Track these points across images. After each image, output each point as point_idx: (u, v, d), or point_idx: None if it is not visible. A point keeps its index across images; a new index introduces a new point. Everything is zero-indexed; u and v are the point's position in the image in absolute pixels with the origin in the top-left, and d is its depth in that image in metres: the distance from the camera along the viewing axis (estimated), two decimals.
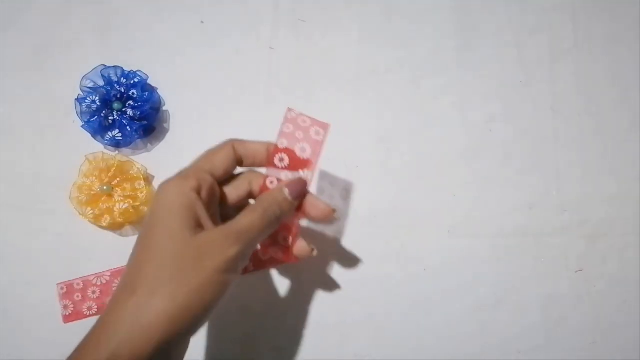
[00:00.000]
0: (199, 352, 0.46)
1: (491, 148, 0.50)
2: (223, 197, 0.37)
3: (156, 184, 0.48)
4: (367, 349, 0.47)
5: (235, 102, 0.50)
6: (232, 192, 0.38)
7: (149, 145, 0.49)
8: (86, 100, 0.47)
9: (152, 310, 0.31)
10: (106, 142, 0.48)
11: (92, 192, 0.46)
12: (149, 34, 0.51)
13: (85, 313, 0.46)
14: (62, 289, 0.46)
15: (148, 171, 0.48)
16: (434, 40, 0.52)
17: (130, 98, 0.48)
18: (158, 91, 0.50)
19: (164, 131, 0.50)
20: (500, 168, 0.50)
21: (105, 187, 0.46)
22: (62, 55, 0.50)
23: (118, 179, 0.46)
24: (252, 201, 0.39)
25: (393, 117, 0.50)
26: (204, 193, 0.35)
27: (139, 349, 0.30)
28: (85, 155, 0.47)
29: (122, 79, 0.48)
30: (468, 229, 0.48)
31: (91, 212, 0.46)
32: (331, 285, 0.48)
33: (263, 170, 0.38)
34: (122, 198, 0.46)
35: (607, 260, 0.48)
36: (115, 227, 0.47)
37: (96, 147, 0.48)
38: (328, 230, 0.48)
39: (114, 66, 0.48)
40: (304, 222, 0.48)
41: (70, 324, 0.46)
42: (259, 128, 0.49)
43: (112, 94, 0.47)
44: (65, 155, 0.48)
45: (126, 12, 0.51)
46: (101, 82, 0.48)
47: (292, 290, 0.47)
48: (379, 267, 0.48)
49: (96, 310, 0.46)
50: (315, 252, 0.39)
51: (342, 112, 0.50)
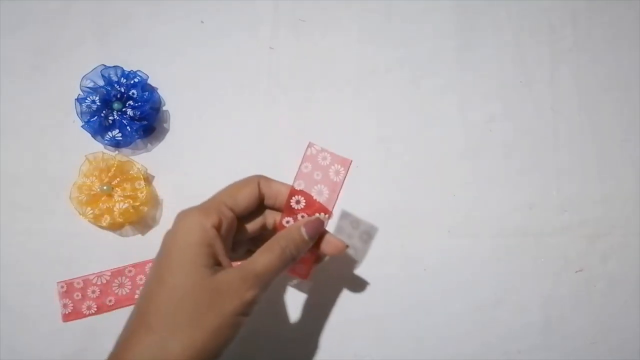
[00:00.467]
0: None
1: (491, 148, 0.50)
2: (238, 229, 0.37)
3: (156, 183, 0.48)
4: (367, 349, 0.47)
5: (235, 102, 0.50)
6: (248, 225, 0.38)
7: (149, 145, 0.49)
8: (86, 100, 0.47)
9: (170, 352, 0.31)
10: (106, 142, 0.48)
11: (92, 192, 0.46)
12: (149, 34, 0.51)
13: (84, 312, 0.46)
14: (62, 287, 0.46)
15: (148, 171, 0.48)
16: (434, 40, 0.52)
17: (130, 98, 0.48)
18: (158, 91, 0.50)
19: (164, 131, 0.50)
20: (500, 168, 0.50)
21: (105, 187, 0.46)
22: (62, 55, 0.50)
23: (118, 179, 0.46)
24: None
25: (393, 117, 0.50)
26: (223, 229, 0.34)
27: None
28: (85, 155, 0.47)
29: (122, 79, 0.48)
30: (468, 229, 0.48)
31: (91, 212, 0.46)
32: (331, 285, 0.48)
33: None
34: (122, 198, 0.46)
35: (607, 260, 0.48)
36: (115, 227, 0.47)
37: (96, 147, 0.48)
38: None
39: (114, 66, 0.48)
40: None
41: (69, 323, 0.46)
42: (258, 128, 0.50)
43: (112, 94, 0.47)
44: (65, 155, 0.48)
45: (126, 12, 0.51)
46: (101, 82, 0.48)
47: (292, 290, 0.47)
48: (379, 267, 0.48)
49: (95, 309, 0.46)
50: (326, 258, 0.40)
51: (342, 112, 0.50)
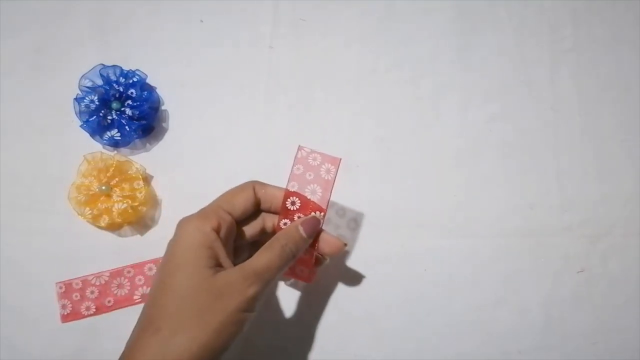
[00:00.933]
0: None
1: (491, 148, 0.50)
2: (238, 233, 0.38)
3: (155, 183, 0.48)
4: (367, 349, 0.46)
5: (235, 102, 0.50)
6: (247, 228, 0.39)
7: (147, 145, 0.49)
8: (85, 100, 0.47)
9: (175, 349, 0.32)
10: (105, 141, 0.48)
11: (90, 192, 0.46)
12: (148, 33, 0.51)
13: (83, 313, 0.45)
14: (60, 288, 0.46)
15: (147, 171, 0.48)
16: (434, 40, 0.52)
17: (129, 97, 0.48)
18: (157, 90, 0.50)
19: (163, 131, 0.49)
20: (500, 168, 0.50)
21: (103, 187, 0.46)
22: (60, 54, 0.50)
23: (117, 179, 0.46)
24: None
25: (393, 117, 0.50)
26: (223, 232, 0.36)
27: None
28: (84, 155, 0.46)
29: (121, 78, 0.48)
30: (468, 229, 0.48)
31: (90, 212, 0.46)
32: (331, 285, 0.47)
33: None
34: (120, 198, 0.46)
35: (608, 261, 0.48)
36: (113, 227, 0.47)
37: (95, 146, 0.48)
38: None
39: (113, 65, 0.48)
40: None
41: (68, 323, 0.45)
42: (258, 128, 0.50)
43: (110, 94, 0.47)
44: (63, 155, 0.48)
45: (125, 11, 0.51)
46: (100, 82, 0.47)
47: (292, 290, 0.47)
48: (380, 267, 0.47)
49: (94, 310, 0.45)
50: (327, 261, 0.42)
51: (342, 112, 0.50)
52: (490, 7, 0.52)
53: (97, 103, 0.47)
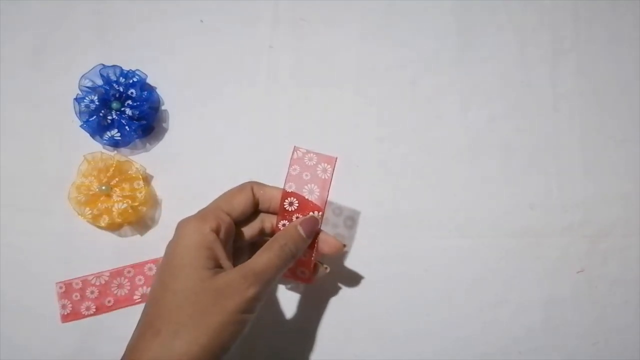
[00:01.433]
0: None
1: (492, 148, 0.50)
2: (237, 234, 0.38)
3: (155, 183, 0.48)
4: (367, 349, 0.46)
5: (235, 101, 0.50)
6: (246, 229, 0.39)
7: (147, 144, 0.49)
8: (85, 100, 0.47)
9: (175, 351, 0.32)
10: (105, 141, 0.47)
11: (90, 192, 0.46)
12: (148, 33, 0.51)
13: (83, 313, 0.45)
14: (60, 288, 0.46)
15: (147, 171, 0.48)
16: (434, 40, 0.52)
17: (129, 97, 0.48)
18: (157, 90, 0.50)
19: (163, 131, 0.49)
20: (501, 168, 0.50)
21: (103, 187, 0.46)
22: (60, 54, 0.50)
23: (117, 179, 0.46)
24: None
25: (393, 116, 0.50)
26: (222, 233, 0.36)
27: None
28: (84, 155, 0.46)
29: (121, 78, 0.47)
30: (469, 229, 0.48)
31: (90, 212, 0.46)
32: (331, 286, 0.47)
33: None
34: (120, 198, 0.46)
35: (608, 261, 0.48)
36: (113, 227, 0.47)
37: (95, 146, 0.48)
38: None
39: (113, 65, 0.48)
40: None
41: (68, 323, 0.45)
42: (258, 127, 0.50)
43: (110, 94, 0.47)
44: (63, 155, 0.48)
45: (125, 11, 0.51)
46: (100, 82, 0.47)
47: (292, 292, 0.47)
48: (380, 267, 0.47)
49: (94, 310, 0.45)
50: (328, 269, 0.42)
51: (342, 112, 0.50)
52: (491, 7, 0.52)
53: (97, 103, 0.47)
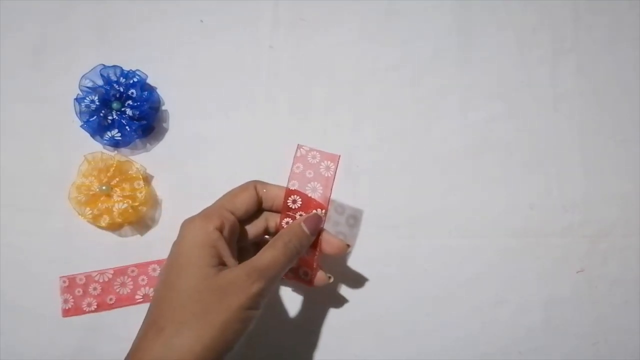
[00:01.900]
0: None
1: (492, 148, 0.50)
2: (241, 233, 0.39)
3: (155, 183, 0.48)
4: (367, 349, 0.47)
5: (235, 102, 0.50)
6: (250, 228, 0.39)
7: (148, 145, 0.49)
8: (85, 100, 0.47)
9: (179, 350, 0.32)
10: (105, 141, 0.48)
11: (90, 192, 0.46)
12: (148, 33, 0.51)
13: (84, 309, 0.45)
14: (64, 282, 0.46)
15: (147, 171, 0.48)
16: (435, 40, 0.52)
17: (129, 97, 0.48)
18: (157, 90, 0.50)
19: (163, 131, 0.49)
20: (501, 168, 0.49)
21: (104, 187, 0.46)
22: (61, 54, 0.50)
23: (117, 179, 0.46)
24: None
25: (393, 116, 0.50)
26: (226, 231, 0.36)
27: None
28: (84, 155, 0.46)
29: (121, 78, 0.47)
30: (469, 229, 0.48)
31: (90, 212, 0.46)
32: (332, 285, 0.47)
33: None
34: (121, 198, 0.46)
35: (608, 261, 0.48)
36: (114, 227, 0.47)
37: (95, 146, 0.48)
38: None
39: (113, 66, 0.48)
40: None
41: (69, 323, 0.45)
42: (258, 127, 0.50)
43: (111, 94, 0.47)
44: (64, 155, 0.48)
45: (125, 12, 0.51)
46: (100, 82, 0.47)
47: (293, 292, 0.47)
48: (379, 267, 0.47)
49: (95, 307, 0.45)
50: (331, 279, 0.41)
51: (342, 112, 0.50)
52: (491, 7, 0.52)
53: (97, 103, 0.47)
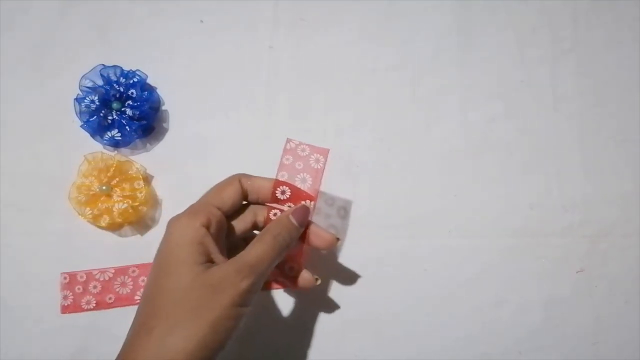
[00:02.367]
0: None
1: (492, 148, 0.50)
2: (229, 228, 0.38)
3: (155, 183, 0.48)
4: (367, 349, 0.47)
5: (235, 102, 0.50)
6: (238, 223, 0.39)
7: (148, 145, 0.49)
8: (85, 100, 0.47)
9: (171, 349, 0.31)
10: (105, 141, 0.48)
11: (90, 192, 0.46)
12: (148, 34, 0.51)
13: (83, 307, 0.45)
14: (65, 278, 0.46)
15: (147, 171, 0.48)
16: (435, 40, 0.52)
17: (129, 97, 0.48)
18: (157, 91, 0.50)
19: (163, 131, 0.49)
20: (501, 168, 0.50)
21: (104, 187, 0.46)
22: (61, 54, 0.50)
23: (117, 179, 0.46)
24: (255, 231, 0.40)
25: (393, 116, 0.50)
26: (213, 227, 0.35)
27: None
28: (84, 155, 0.46)
29: (121, 78, 0.48)
30: (469, 229, 0.48)
31: (90, 212, 0.46)
32: (330, 286, 0.47)
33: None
34: (121, 198, 0.46)
35: (608, 261, 0.48)
36: (114, 227, 0.47)
37: (95, 146, 0.48)
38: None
39: (113, 66, 0.48)
40: None
41: (67, 323, 0.45)
42: (258, 127, 0.50)
43: (111, 94, 0.47)
44: (64, 155, 0.48)
45: (125, 12, 0.51)
46: (100, 82, 0.47)
47: (292, 290, 0.47)
48: (380, 267, 0.47)
49: (94, 305, 0.45)
50: (319, 281, 0.41)
51: (342, 112, 0.50)
52: (491, 7, 0.52)
53: (97, 103, 0.47)
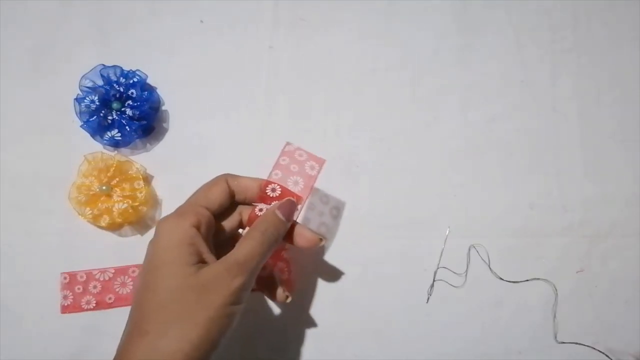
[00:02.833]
0: None
1: (492, 148, 0.50)
2: (217, 228, 0.38)
3: (155, 183, 0.48)
4: (367, 349, 0.47)
5: (235, 102, 0.50)
6: (225, 223, 0.39)
7: (148, 145, 0.49)
8: (85, 100, 0.47)
9: (165, 351, 0.31)
10: (105, 141, 0.48)
11: (91, 192, 0.46)
12: (148, 34, 0.51)
13: (83, 307, 0.45)
14: (65, 278, 0.46)
15: (147, 171, 0.48)
16: (435, 40, 0.52)
17: (129, 98, 0.48)
18: (157, 91, 0.50)
19: (163, 131, 0.49)
20: (501, 168, 0.50)
21: (104, 187, 0.46)
22: (61, 55, 0.50)
23: (117, 179, 0.46)
24: (241, 230, 0.40)
25: (393, 116, 0.50)
26: (203, 228, 0.35)
27: None
28: (84, 155, 0.46)
29: (121, 78, 0.48)
30: (469, 229, 0.48)
31: (90, 212, 0.46)
32: (331, 285, 0.47)
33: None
34: (121, 198, 0.46)
35: (608, 261, 0.48)
36: (114, 227, 0.47)
37: (95, 147, 0.48)
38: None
39: (113, 66, 0.48)
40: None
41: (67, 323, 0.45)
42: (258, 127, 0.50)
43: (111, 94, 0.47)
44: (64, 155, 0.48)
45: (125, 11, 0.51)
46: (100, 82, 0.47)
47: (292, 290, 0.47)
48: (379, 267, 0.47)
49: (94, 305, 0.45)
50: (289, 299, 0.40)
51: (342, 112, 0.50)
52: (491, 7, 0.52)
53: (97, 103, 0.47)
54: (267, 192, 0.38)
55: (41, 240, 0.47)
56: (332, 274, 0.47)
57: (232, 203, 0.39)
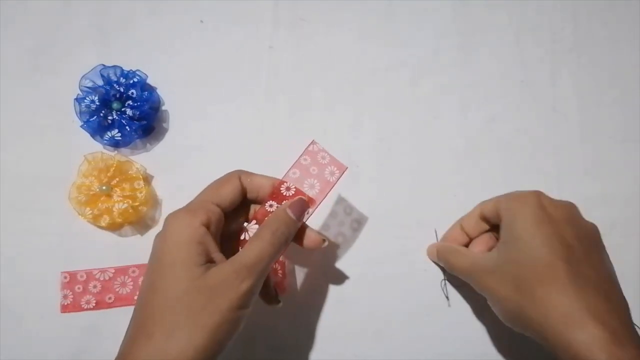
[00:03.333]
0: None
1: (491, 148, 0.50)
2: (226, 224, 0.37)
3: (155, 183, 0.48)
4: (367, 349, 0.46)
5: (235, 102, 0.50)
6: (235, 221, 0.38)
7: (148, 145, 0.49)
8: (85, 100, 0.47)
9: (170, 354, 0.31)
10: (105, 142, 0.48)
11: (91, 192, 0.46)
12: (148, 34, 0.51)
13: (82, 306, 0.45)
14: (65, 277, 0.46)
15: (147, 171, 0.48)
16: (434, 40, 0.52)
17: (129, 98, 0.48)
18: (157, 91, 0.50)
19: (163, 131, 0.49)
20: (500, 168, 0.50)
21: (104, 187, 0.46)
22: (61, 55, 0.50)
23: (117, 179, 0.46)
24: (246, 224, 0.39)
25: (393, 117, 0.50)
26: (213, 226, 0.34)
27: None
28: (84, 155, 0.46)
29: (122, 78, 0.48)
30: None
31: (90, 212, 0.46)
32: (331, 285, 0.47)
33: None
34: (121, 198, 0.46)
35: None
36: (114, 227, 0.47)
37: (95, 147, 0.48)
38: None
39: (113, 66, 0.48)
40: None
41: (66, 323, 0.45)
42: (258, 127, 0.50)
43: (111, 94, 0.47)
44: (64, 155, 0.48)
45: (125, 12, 0.51)
46: (100, 82, 0.47)
47: (291, 291, 0.47)
48: (379, 267, 0.47)
49: (94, 304, 0.45)
50: (280, 304, 0.40)
51: (342, 112, 0.50)
52: (491, 8, 0.52)
53: (97, 103, 0.47)
54: (281, 190, 0.37)
55: (41, 240, 0.47)
56: (332, 274, 0.47)
57: (243, 200, 0.38)
